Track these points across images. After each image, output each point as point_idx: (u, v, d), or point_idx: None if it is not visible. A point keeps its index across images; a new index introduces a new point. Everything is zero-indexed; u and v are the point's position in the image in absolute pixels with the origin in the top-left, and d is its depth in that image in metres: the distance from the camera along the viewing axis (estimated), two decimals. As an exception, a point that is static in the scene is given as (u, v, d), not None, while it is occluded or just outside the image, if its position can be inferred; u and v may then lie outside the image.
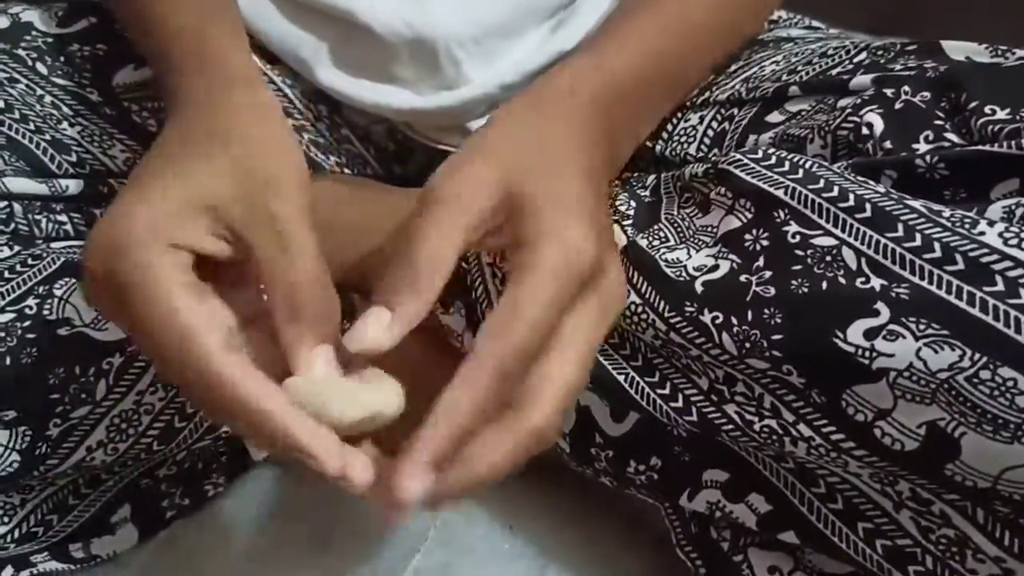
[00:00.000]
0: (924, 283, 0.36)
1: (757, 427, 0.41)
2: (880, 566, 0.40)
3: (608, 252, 0.38)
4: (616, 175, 0.49)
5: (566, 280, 0.35)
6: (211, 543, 0.54)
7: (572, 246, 0.35)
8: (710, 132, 0.51)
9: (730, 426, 0.42)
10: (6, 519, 0.49)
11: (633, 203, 0.49)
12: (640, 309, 0.43)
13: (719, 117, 0.52)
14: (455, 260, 0.35)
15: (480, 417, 0.33)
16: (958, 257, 0.36)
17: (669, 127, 0.53)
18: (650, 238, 0.46)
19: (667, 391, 0.44)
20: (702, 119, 0.53)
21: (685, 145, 0.52)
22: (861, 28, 0.59)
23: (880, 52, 0.49)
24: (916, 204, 0.38)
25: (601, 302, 0.37)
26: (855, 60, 0.49)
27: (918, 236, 0.37)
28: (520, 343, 0.33)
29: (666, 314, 0.42)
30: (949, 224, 0.37)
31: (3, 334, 0.45)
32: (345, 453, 0.34)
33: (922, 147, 0.42)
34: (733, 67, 0.56)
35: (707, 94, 0.54)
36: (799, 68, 0.51)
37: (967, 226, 0.37)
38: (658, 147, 0.53)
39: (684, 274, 0.42)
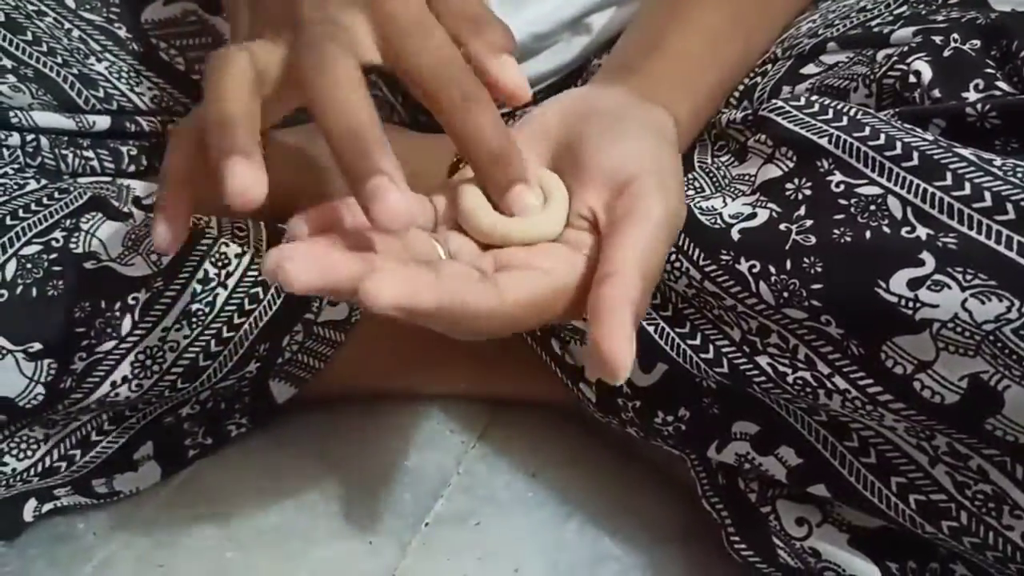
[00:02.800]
0: (972, 232, 0.35)
1: (790, 379, 0.40)
2: (912, 521, 0.39)
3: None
4: None
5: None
6: (233, 483, 0.54)
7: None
8: (740, 87, 0.50)
9: (762, 378, 0.41)
10: (29, 453, 0.49)
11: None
12: (674, 257, 0.43)
13: (751, 73, 0.51)
14: None
15: None
16: (1009, 206, 0.35)
17: None
18: (684, 186, 0.45)
19: (698, 342, 0.43)
20: None
21: None
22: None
23: (921, 5, 0.48)
24: (966, 152, 0.37)
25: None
26: (895, 12, 0.48)
27: (967, 185, 0.36)
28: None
29: (701, 262, 0.42)
30: (1000, 173, 0.36)
31: (29, 266, 0.45)
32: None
33: (972, 95, 0.41)
34: None
35: None
36: (836, 23, 0.50)
37: (1019, 175, 0.36)
38: None
39: (719, 222, 0.42)
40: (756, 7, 0.51)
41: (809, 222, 0.39)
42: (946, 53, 0.42)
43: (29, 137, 0.51)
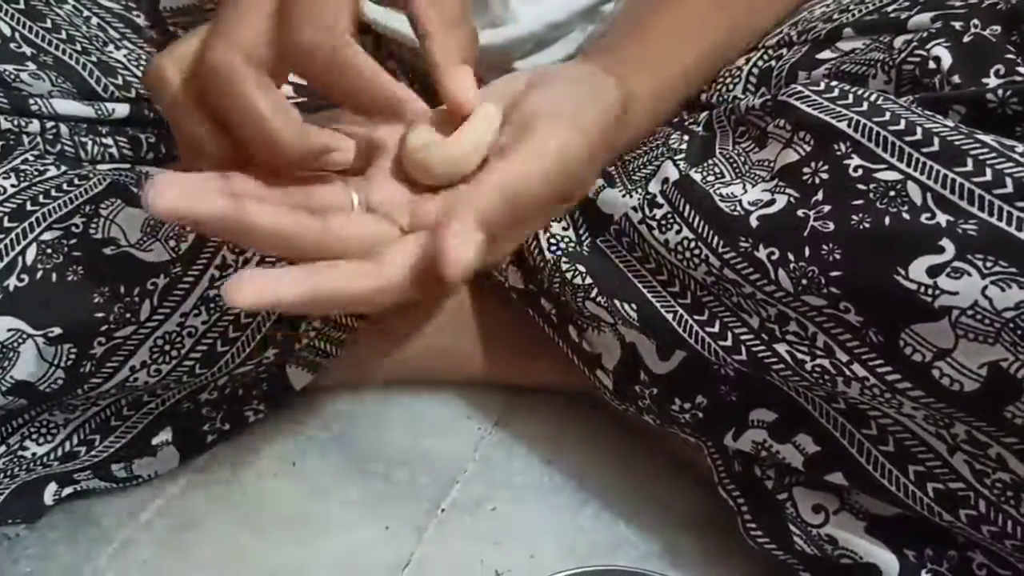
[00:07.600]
0: (993, 219, 0.35)
1: (809, 366, 0.40)
2: (930, 509, 0.39)
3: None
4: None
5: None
6: (250, 468, 0.55)
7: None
8: (755, 71, 0.50)
9: (780, 365, 0.41)
10: (49, 437, 0.49)
11: (686, 137, 0.48)
12: (693, 244, 0.43)
13: (766, 58, 0.51)
14: None
15: None
16: None
17: None
18: (704, 173, 0.45)
19: (716, 329, 0.43)
20: (748, 60, 0.52)
21: (730, 87, 0.51)
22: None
23: None
24: (987, 139, 0.37)
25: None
26: None
27: (989, 171, 0.36)
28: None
29: (720, 250, 0.41)
30: (1022, 159, 0.36)
31: (50, 251, 0.45)
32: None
33: (993, 81, 0.40)
34: None
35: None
36: (851, 7, 0.49)
37: (1041, 162, 0.35)
38: (703, 95, 0.52)
39: (739, 208, 0.41)
40: None
41: (827, 208, 0.39)
42: (966, 39, 0.42)
43: (49, 124, 0.51)
